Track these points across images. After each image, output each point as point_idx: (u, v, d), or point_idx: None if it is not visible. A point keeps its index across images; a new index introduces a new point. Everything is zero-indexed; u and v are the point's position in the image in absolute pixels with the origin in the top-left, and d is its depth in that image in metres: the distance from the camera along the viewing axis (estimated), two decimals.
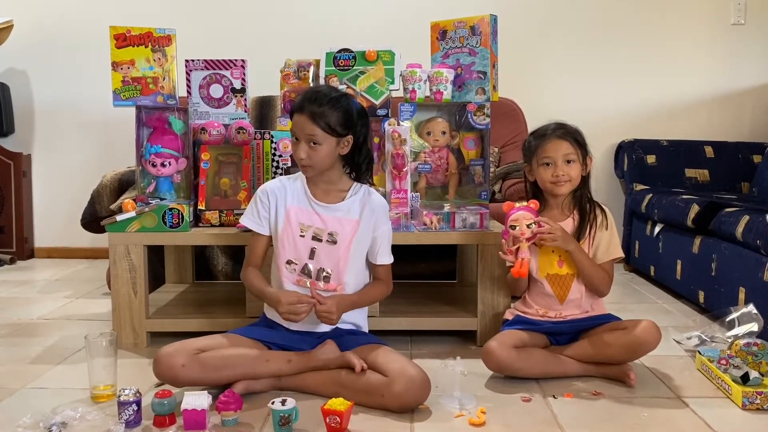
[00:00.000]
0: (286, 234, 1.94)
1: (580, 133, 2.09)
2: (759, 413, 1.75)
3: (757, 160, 3.57)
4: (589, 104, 3.74)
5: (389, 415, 1.72)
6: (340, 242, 1.94)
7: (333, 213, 1.96)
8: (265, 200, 1.98)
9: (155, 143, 2.38)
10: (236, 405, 1.67)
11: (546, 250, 2.06)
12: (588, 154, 2.09)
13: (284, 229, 1.95)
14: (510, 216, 2.00)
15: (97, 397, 1.82)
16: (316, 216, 1.96)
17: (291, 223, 1.95)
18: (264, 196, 1.98)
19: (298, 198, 1.98)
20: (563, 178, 2.04)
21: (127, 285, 2.25)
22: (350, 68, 2.48)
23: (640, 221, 3.41)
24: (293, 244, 1.94)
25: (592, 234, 2.07)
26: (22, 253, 3.90)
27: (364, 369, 1.78)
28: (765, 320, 2.19)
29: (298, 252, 1.94)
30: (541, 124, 2.13)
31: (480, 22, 2.42)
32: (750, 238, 2.32)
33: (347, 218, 1.97)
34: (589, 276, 2.04)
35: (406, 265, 2.92)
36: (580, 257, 2.03)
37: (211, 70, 2.49)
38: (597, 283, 2.05)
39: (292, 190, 1.98)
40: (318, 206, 1.96)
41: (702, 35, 3.81)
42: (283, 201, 1.97)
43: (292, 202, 1.97)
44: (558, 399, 1.84)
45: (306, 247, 1.94)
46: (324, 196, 1.98)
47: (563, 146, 2.04)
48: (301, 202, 1.97)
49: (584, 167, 2.08)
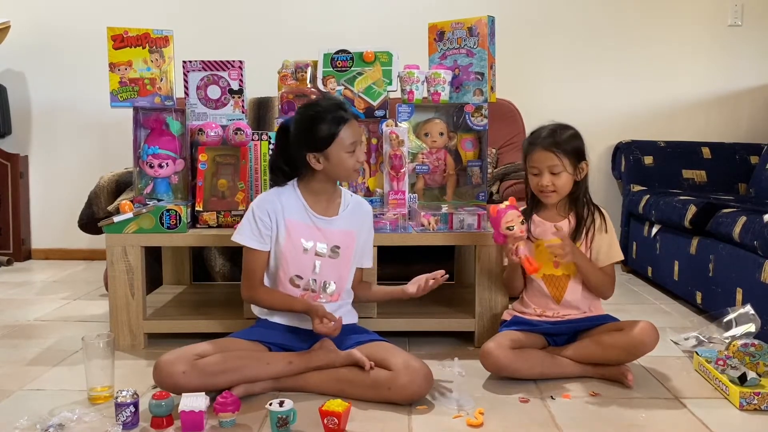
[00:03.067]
0: (288, 250, 1.94)
1: (573, 140, 2.03)
2: (756, 414, 1.75)
3: (754, 161, 3.58)
4: (587, 105, 3.74)
5: (387, 416, 1.72)
6: (343, 254, 1.97)
7: (333, 226, 1.97)
8: (265, 219, 1.94)
9: (153, 144, 2.38)
10: (234, 406, 1.66)
11: (542, 251, 2.05)
12: (582, 160, 2.04)
13: (286, 245, 1.94)
14: (503, 218, 1.97)
15: (95, 399, 1.82)
16: (317, 231, 1.96)
17: (293, 239, 1.94)
18: (263, 214, 1.94)
19: (297, 212, 1.96)
20: (548, 188, 2.03)
21: (125, 286, 2.25)
22: (348, 69, 2.48)
23: (637, 222, 3.42)
24: (296, 259, 1.94)
25: (590, 237, 2.07)
26: (20, 254, 3.89)
27: (372, 366, 1.81)
28: (762, 321, 2.19)
29: (302, 268, 1.95)
30: (541, 124, 2.09)
31: (477, 24, 2.42)
32: (747, 239, 2.33)
33: (346, 230, 1.98)
34: (594, 283, 2.05)
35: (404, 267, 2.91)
36: (586, 267, 2.03)
37: (208, 71, 2.49)
38: (602, 288, 2.07)
39: (288, 202, 1.96)
40: (318, 220, 1.96)
41: (699, 37, 3.81)
42: (282, 215, 1.95)
43: (291, 216, 1.95)
44: (556, 400, 1.84)
45: (309, 261, 1.95)
46: (324, 210, 1.98)
47: (548, 158, 2.01)
48: (300, 217, 1.96)
49: (576, 174, 2.04)
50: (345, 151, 1.89)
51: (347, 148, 1.89)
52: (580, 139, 2.06)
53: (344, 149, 1.89)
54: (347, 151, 1.90)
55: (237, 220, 2.32)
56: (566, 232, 2.04)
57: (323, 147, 1.89)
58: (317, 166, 1.91)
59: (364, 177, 2.47)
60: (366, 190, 2.47)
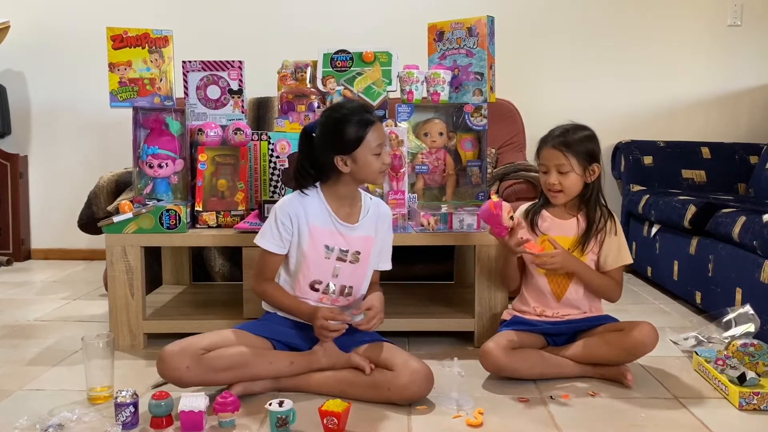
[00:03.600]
0: (311, 255, 1.94)
1: (586, 141, 2.03)
2: (756, 414, 1.75)
3: (753, 161, 3.58)
4: (586, 105, 3.74)
5: (387, 415, 1.72)
6: (362, 260, 1.98)
7: (355, 232, 1.97)
8: (287, 224, 1.94)
9: (152, 144, 2.38)
10: (233, 407, 1.67)
11: (547, 246, 2.04)
12: (594, 162, 2.03)
13: (309, 251, 1.94)
14: (503, 210, 1.96)
15: (94, 399, 1.82)
16: (340, 237, 1.96)
17: (316, 245, 1.94)
18: (286, 219, 1.93)
19: (321, 218, 1.95)
20: (554, 187, 2.03)
21: (124, 286, 2.25)
22: (347, 69, 2.48)
23: (637, 222, 3.42)
24: (318, 265, 1.95)
25: (599, 239, 2.05)
26: (19, 254, 3.89)
27: (372, 370, 1.82)
28: (762, 321, 2.19)
29: (323, 273, 1.96)
30: (560, 124, 2.07)
31: (477, 24, 2.42)
32: (747, 239, 2.33)
33: (368, 236, 1.99)
34: (597, 288, 2.05)
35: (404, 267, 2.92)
36: (585, 273, 2.03)
37: (208, 72, 2.49)
38: (607, 292, 2.07)
39: (312, 208, 1.95)
40: (342, 226, 1.96)
41: (699, 36, 3.81)
42: (305, 220, 1.94)
43: (315, 222, 1.94)
44: (555, 400, 1.84)
45: (330, 267, 1.96)
46: (347, 216, 1.98)
47: (556, 156, 2.01)
48: (324, 223, 1.95)
49: (586, 176, 2.04)
50: (372, 153, 1.89)
51: (374, 150, 1.90)
52: (593, 141, 2.05)
53: (371, 151, 1.89)
54: (374, 153, 1.90)
55: (236, 220, 2.32)
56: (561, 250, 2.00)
57: (351, 149, 1.88)
58: (344, 168, 1.90)
59: None
60: (365, 190, 2.47)
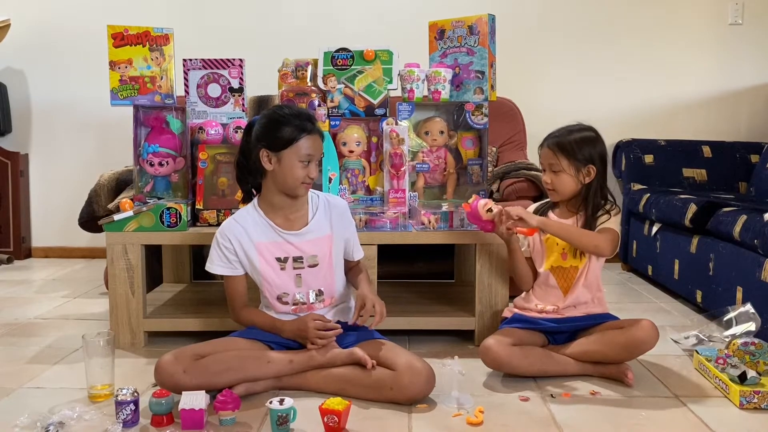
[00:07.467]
0: (266, 272, 1.93)
1: (582, 143, 2.02)
2: (756, 412, 1.75)
3: (754, 160, 3.58)
4: (587, 104, 3.74)
5: (387, 414, 1.72)
6: (321, 262, 1.96)
7: (305, 237, 1.95)
8: (228, 245, 1.94)
9: (153, 142, 2.38)
10: (234, 405, 1.66)
11: (550, 244, 2.06)
12: (589, 164, 2.02)
13: (263, 268, 1.93)
14: (479, 206, 2.04)
15: (95, 397, 1.82)
16: (289, 245, 1.94)
17: (268, 260, 1.93)
18: (226, 241, 1.94)
19: (264, 232, 1.94)
20: (548, 186, 2.06)
21: (125, 284, 2.25)
22: (348, 68, 2.48)
23: (637, 221, 3.42)
24: (277, 279, 1.94)
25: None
26: (20, 252, 3.89)
27: (374, 366, 1.81)
28: (762, 319, 2.19)
29: (284, 285, 1.95)
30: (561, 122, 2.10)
31: (478, 22, 2.42)
32: (747, 238, 2.33)
33: (320, 237, 1.97)
34: (578, 241, 1.99)
35: (404, 265, 2.92)
36: (554, 227, 2.01)
37: (208, 70, 2.49)
38: (591, 243, 1.98)
39: (252, 226, 1.94)
40: (288, 235, 1.94)
41: (700, 35, 3.81)
42: (248, 238, 1.93)
43: (260, 238, 1.94)
44: (556, 398, 1.84)
45: (290, 277, 1.95)
46: (290, 225, 1.96)
47: (549, 156, 2.03)
48: (268, 237, 1.94)
49: (581, 177, 2.03)
50: (299, 160, 1.87)
51: (302, 157, 1.88)
52: (591, 143, 2.03)
53: (299, 158, 1.87)
54: (301, 161, 1.88)
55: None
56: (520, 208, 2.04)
57: (279, 148, 1.87)
58: (268, 166, 1.89)
59: (364, 176, 2.47)
60: (366, 188, 2.47)
